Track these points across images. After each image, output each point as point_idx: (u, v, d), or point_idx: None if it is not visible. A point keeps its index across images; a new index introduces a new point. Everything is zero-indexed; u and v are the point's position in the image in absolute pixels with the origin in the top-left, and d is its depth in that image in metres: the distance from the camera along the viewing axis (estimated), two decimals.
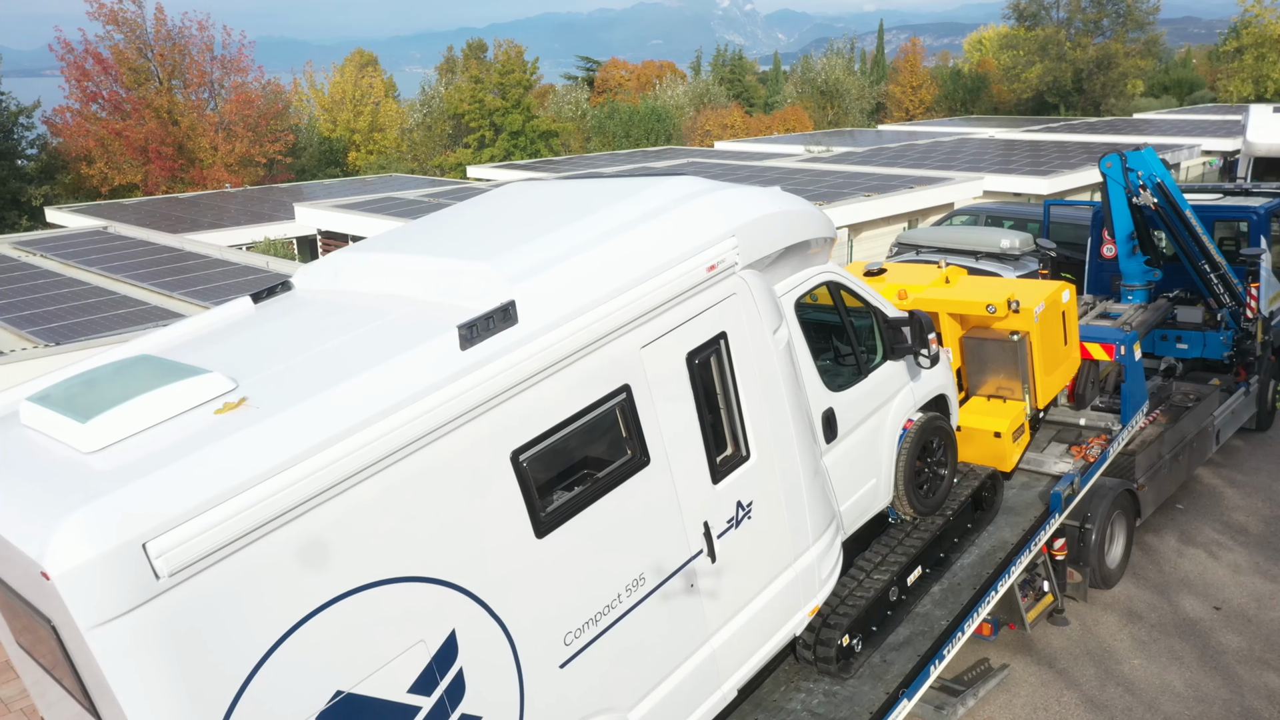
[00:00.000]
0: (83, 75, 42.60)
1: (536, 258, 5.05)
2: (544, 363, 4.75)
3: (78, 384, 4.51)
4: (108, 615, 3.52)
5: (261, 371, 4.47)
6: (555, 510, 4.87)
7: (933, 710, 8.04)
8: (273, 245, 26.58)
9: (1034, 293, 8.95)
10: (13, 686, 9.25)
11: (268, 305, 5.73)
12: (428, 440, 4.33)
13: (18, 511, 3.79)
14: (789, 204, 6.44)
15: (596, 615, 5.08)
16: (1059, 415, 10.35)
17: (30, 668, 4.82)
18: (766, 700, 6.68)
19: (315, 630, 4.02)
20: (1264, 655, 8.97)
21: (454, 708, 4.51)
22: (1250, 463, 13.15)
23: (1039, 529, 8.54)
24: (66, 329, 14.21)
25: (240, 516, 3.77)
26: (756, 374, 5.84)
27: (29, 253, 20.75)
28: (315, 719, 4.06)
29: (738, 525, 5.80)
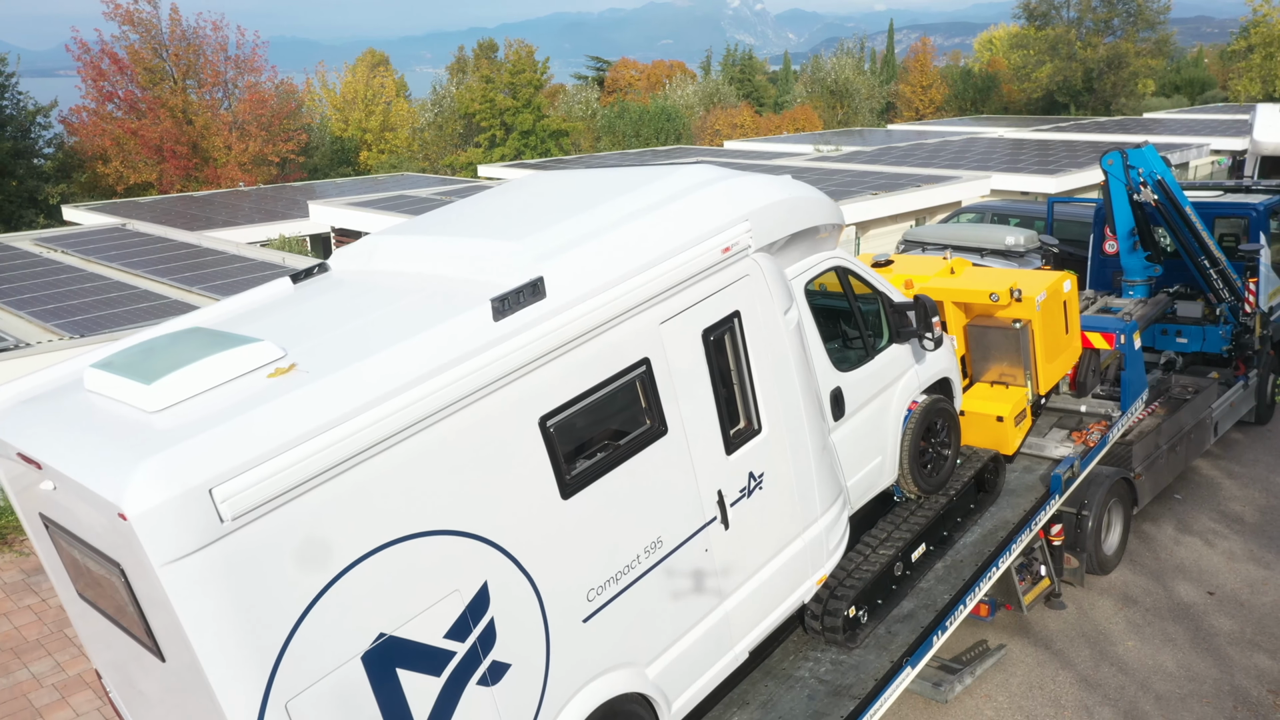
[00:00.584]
0: (99, 75, 43.07)
1: (563, 238, 5.41)
2: (570, 335, 5.09)
3: (137, 352, 4.87)
4: (177, 554, 3.87)
5: (308, 341, 4.82)
6: (579, 474, 5.23)
7: (931, 687, 8.33)
8: (287, 242, 26.95)
9: (1036, 282, 9.25)
10: (44, 663, 9.61)
11: (306, 285, 6.09)
12: (463, 404, 4.68)
13: (93, 462, 4.13)
14: (799, 191, 6.80)
15: (617, 574, 5.44)
16: (1060, 402, 10.62)
17: (90, 620, 5.17)
18: (776, 668, 7.00)
19: (360, 576, 4.37)
20: (1255, 638, 9.21)
21: (485, 654, 4.86)
22: (1249, 455, 13.37)
23: (1039, 510, 8.82)
24: (90, 322, 14.57)
25: (294, 468, 4.12)
26: (768, 352, 6.20)
27: (50, 249, 21.15)
28: (360, 658, 4.40)
29: (750, 495, 6.15)
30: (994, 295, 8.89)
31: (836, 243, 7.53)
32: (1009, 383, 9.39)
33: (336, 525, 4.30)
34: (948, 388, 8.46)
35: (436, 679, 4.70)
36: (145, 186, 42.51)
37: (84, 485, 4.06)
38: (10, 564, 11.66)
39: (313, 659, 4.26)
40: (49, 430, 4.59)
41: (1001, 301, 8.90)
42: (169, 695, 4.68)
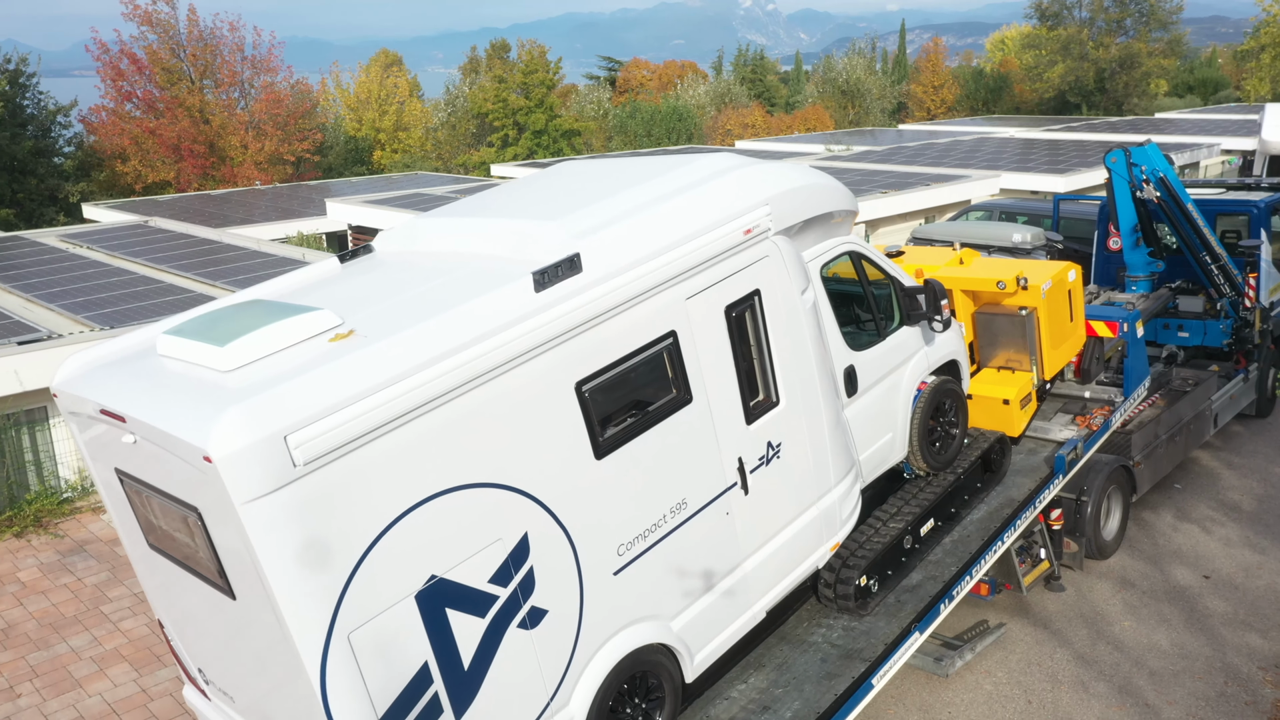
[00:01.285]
0: (118, 75, 43.63)
1: (597, 218, 5.86)
2: (603, 307, 5.54)
3: (205, 320, 5.31)
4: (255, 494, 4.29)
5: (362, 311, 5.24)
6: (611, 436, 5.67)
7: (933, 662, 8.67)
8: (305, 239, 27.40)
9: (1042, 272, 9.65)
10: (81, 638, 10.02)
11: (353, 264, 6.52)
12: (507, 368, 5.11)
13: (177, 413, 4.56)
14: (816, 178, 7.27)
15: (645, 532, 5.87)
16: (1065, 389, 10.96)
17: (159, 571, 5.61)
18: (791, 634, 7.41)
19: (415, 521, 4.80)
20: (1248, 619, 9.52)
21: (525, 600, 5.30)
22: (1249, 447, 13.64)
23: (1043, 489, 9.18)
24: (119, 314, 14.99)
25: (357, 421, 4.54)
26: (786, 328, 6.63)
27: (76, 244, 21.61)
28: (414, 597, 4.84)
29: (768, 463, 6.57)
30: (1001, 283, 9.26)
31: (850, 229, 7.98)
32: (1015, 368, 9.76)
33: (394, 474, 4.72)
34: (956, 370, 8.87)
35: (481, 620, 5.12)
36: (163, 185, 43.05)
37: (169, 433, 4.48)
38: (46, 545, 12.10)
39: (372, 596, 4.68)
40: (130, 388, 5.02)
41: (1008, 289, 9.27)
42: (238, 633, 5.10)
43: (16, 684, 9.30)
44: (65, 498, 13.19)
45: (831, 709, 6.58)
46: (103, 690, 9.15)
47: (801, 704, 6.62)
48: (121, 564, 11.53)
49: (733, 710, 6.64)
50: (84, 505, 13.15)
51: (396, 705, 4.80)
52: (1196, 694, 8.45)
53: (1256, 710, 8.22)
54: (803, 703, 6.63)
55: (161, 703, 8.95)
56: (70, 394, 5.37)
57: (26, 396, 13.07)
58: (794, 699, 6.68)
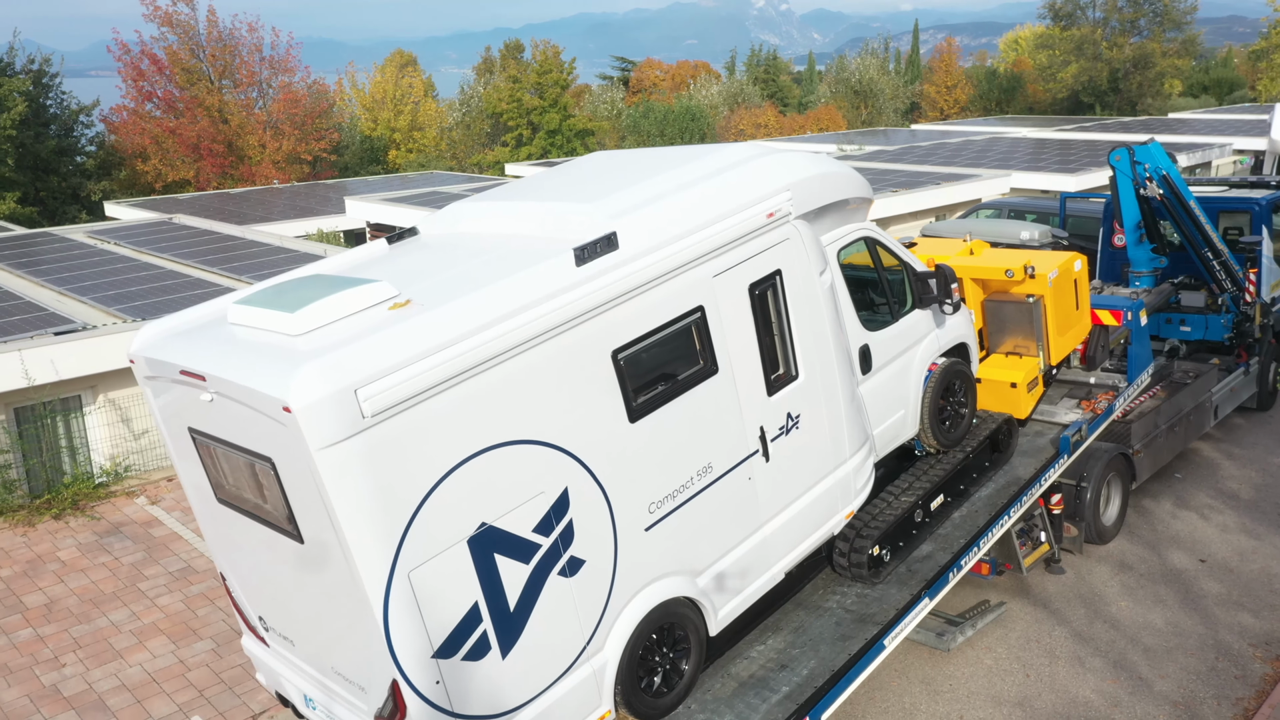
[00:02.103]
0: (139, 75, 44.29)
1: (631, 201, 6.32)
2: (638, 281, 6.00)
3: (273, 291, 5.77)
4: (330, 441, 4.75)
5: (416, 284, 5.69)
6: (644, 402, 6.13)
7: (935, 637, 9.04)
8: (325, 236, 27.90)
9: (1049, 261, 10.07)
10: (121, 613, 10.48)
11: (400, 245, 6.98)
12: (550, 335, 5.58)
13: (255, 370, 5.02)
14: (834, 167, 7.78)
15: (674, 492, 6.33)
16: (1071, 375, 11.36)
17: (224, 524, 6.07)
18: (807, 600, 7.87)
19: (468, 473, 5.27)
20: (1241, 599, 9.85)
21: (565, 549, 5.76)
22: (1249, 438, 13.95)
23: (1049, 467, 9.58)
24: (149, 306, 15.47)
25: (417, 379, 5.01)
26: (805, 307, 7.09)
27: (103, 240, 22.14)
28: (466, 542, 5.30)
29: (787, 433, 7.03)
30: (1009, 271, 9.70)
31: (866, 216, 8.45)
32: (1023, 353, 10.20)
33: (449, 429, 5.20)
34: (965, 352, 9.30)
35: (526, 566, 5.59)
36: (182, 184, 43.65)
37: (250, 388, 4.94)
38: (83, 527, 12.58)
39: (429, 538, 5.15)
40: (208, 350, 5.50)
41: (1016, 278, 9.69)
42: (303, 576, 5.56)
43: (61, 654, 9.76)
44: (100, 482, 13.67)
45: (845, 667, 7.04)
46: (142, 661, 9.61)
47: (817, 663, 7.10)
48: (156, 545, 12.00)
49: (752, 668, 7.12)
50: (118, 490, 13.63)
51: (450, 640, 5.28)
52: (1188, 669, 8.80)
53: (1245, 683, 8.57)
54: (818, 661, 7.11)
55: (198, 673, 9.40)
56: (148, 358, 5.84)
57: (63, 385, 13.56)
58: (810, 658, 7.16)
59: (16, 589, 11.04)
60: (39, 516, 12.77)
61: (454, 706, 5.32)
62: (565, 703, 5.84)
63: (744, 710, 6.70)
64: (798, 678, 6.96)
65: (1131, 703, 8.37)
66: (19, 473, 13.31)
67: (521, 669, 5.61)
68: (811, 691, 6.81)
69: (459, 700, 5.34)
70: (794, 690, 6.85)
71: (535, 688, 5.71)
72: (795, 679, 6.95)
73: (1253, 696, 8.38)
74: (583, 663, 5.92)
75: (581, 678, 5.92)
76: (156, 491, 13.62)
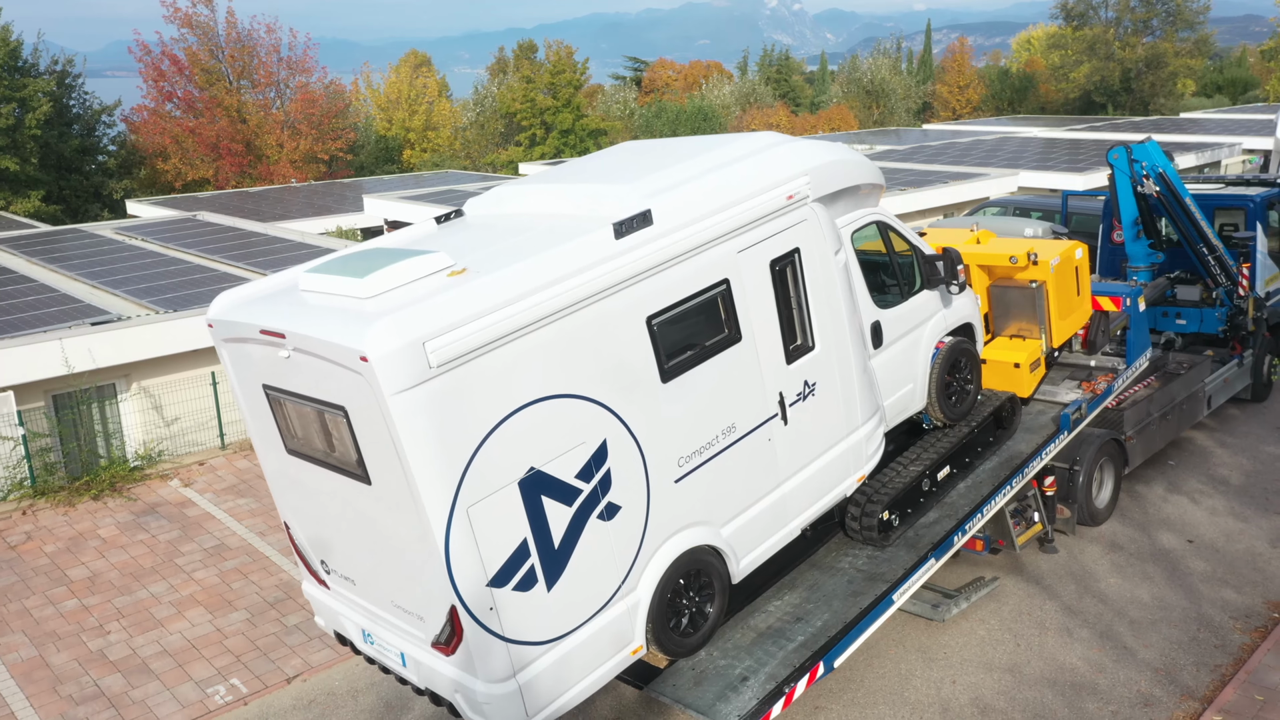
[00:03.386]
0: (159, 76, 45.07)
1: (664, 182, 6.92)
2: (670, 254, 6.60)
3: (340, 262, 6.36)
4: (402, 387, 5.36)
5: (469, 256, 6.28)
6: (674, 364, 6.73)
7: (930, 609, 9.53)
8: (345, 234, 28.53)
9: (1051, 249, 10.66)
10: (159, 585, 11.08)
11: (448, 225, 7.60)
12: (592, 301, 6.20)
13: (333, 327, 5.62)
14: (848, 154, 8.43)
15: (701, 448, 6.93)
16: (1073, 359, 11.90)
17: (292, 474, 6.68)
18: (821, 561, 8.47)
19: (518, 421, 5.88)
20: (1225, 577, 10.32)
21: (604, 495, 6.37)
22: (1243, 428, 14.38)
23: (1049, 442, 10.11)
24: (180, 299, 16.09)
25: (475, 335, 5.61)
26: (821, 284, 7.69)
27: (130, 236, 22.79)
28: (516, 483, 5.92)
29: (804, 399, 7.63)
30: (1013, 258, 10.25)
31: (878, 201, 9.06)
32: (1026, 336, 10.77)
33: (503, 381, 5.81)
34: (970, 332, 9.87)
35: (569, 508, 6.20)
36: (202, 183, 44.39)
37: (329, 342, 5.55)
38: (121, 507, 13.18)
39: (485, 479, 5.76)
40: (286, 312, 6.12)
41: (1020, 264, 10.26)
42: (368, 515, 6.16)
43: (105, 623, 10.35)
44: (135, 466, 14.27)
45: (857, 619, 7.65)
46: (182, 629, 10.19)
47: (831, 616, 7.71)
48: (191, 524, 12.59)
49: (770, 620, 7.74)
50: (152, 473, 14.23)
51: (502, 571, 5.90)
52: (1171, 639, 9.27)
53: (1224, 652, 9.03)
54: (831, 615, 7.72)
55: (235, 640, 9.97)
56: (227, 321, 6.46)
57: (99, 373, 14.17)
58: (824, 612, 7.78)
59: (61, 564, 11.64)
60: (78, 497, 13.38)
61: (505, 632, 5.96)
62: (603, 635, 6.47)
63: (762, 657, 7.33)
64: (812, 628, 7.59)
65: (1115, 669, 8.84)
66: (58, 456, 13.93)
67: (565, 602, 6.23)
68: (825, 640, 7.45)
69: (510, 626, 5.97)
70: (809, 639, 7.48)
71: (576, 619, 6.32)
72: (810, 629, 7.59)
73: (1230, 664, 8.84)
74: (619, 600, 6.54)
75: (617, 613, 6.55)
76: (189, 475, 14.22)
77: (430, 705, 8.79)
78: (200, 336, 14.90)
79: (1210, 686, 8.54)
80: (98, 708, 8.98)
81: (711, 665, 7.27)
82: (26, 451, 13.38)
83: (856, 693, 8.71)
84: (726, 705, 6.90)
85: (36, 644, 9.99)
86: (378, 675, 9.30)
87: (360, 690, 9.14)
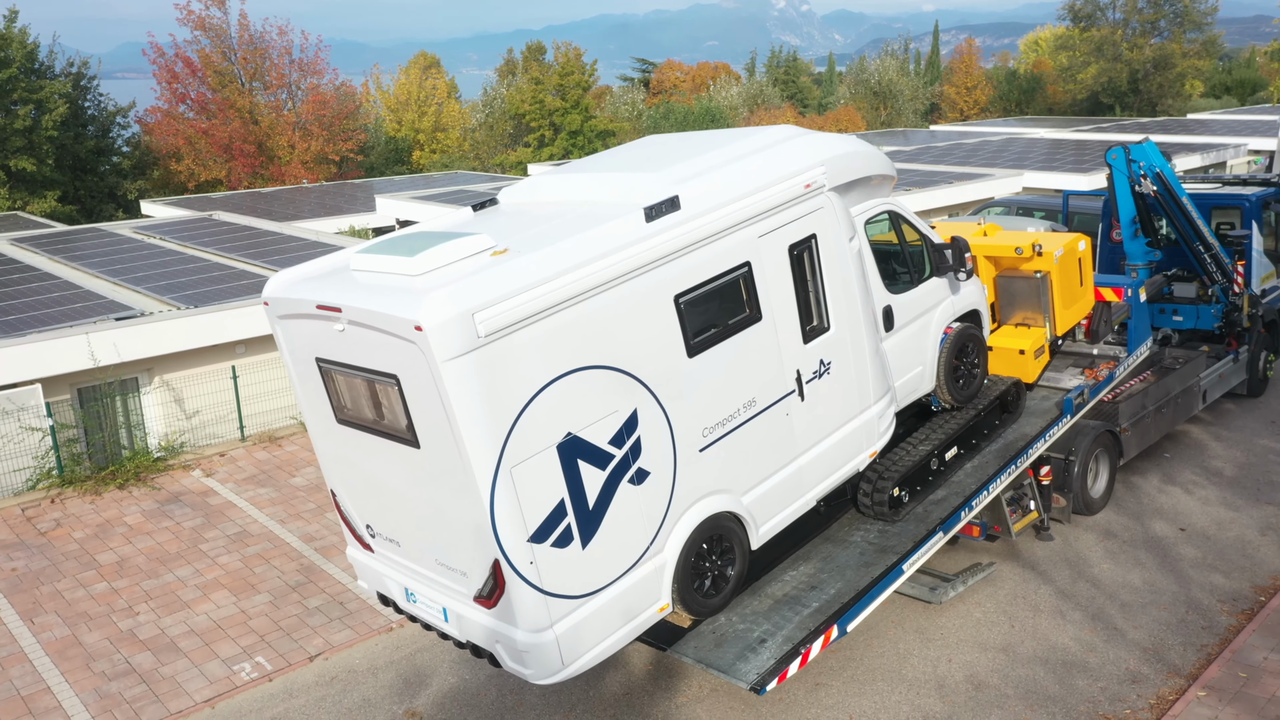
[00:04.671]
0: (173, 78, 45.59)
1: (690, 170, 7.40)
2: (696, 238, 7.06)
3: (389, 243, 6.82)
4: (454, 354, 5.82)
5: (510, 237, 6.72)
6: (699, 340, 7.19)
7: (928, 591, 9.87)
8: (355, 233, 28.97)
9: (1055, 241, 11.12)
10: (185, 569, 11.48)
11: (484, 212, 8.05)
12: (624, 279, 6.66)
13: (387, 301, 6.05)
14: (862, 146, 8.93)
15: (723, 420, 7.40)
16: (1076, 348, 12.31)
17: (341, 443, 7.13)
18: (834, 535, 8.94)
19: (557, 390, 6.34)
20: (1215, 563, 10.64)
21: (634, 461, 6.83)
22: (1238, 422, 14.70)
23: (1053, 425, 10.54)
24: (200, 295, 16.51)
25: (519, 309, 6.06)
26: (836, 268, 8.16)
27: (149, 235, 23.24)
28: (555, 447, 6.38)
29: (820, 377, 8.10)
30: (1019, 249, 10.70)
31: (889, 191, 9.53)
32: (1031, 324, 11.22)
33: (543, 352, 6.26)
34: (977, 318, 10.31)
35: (602, 472, 6.65)
36: (214, 183, 44.89)
37: (385, 314, 5.99)
38: (145, 496, 13.60)
39: (526, 441, 6.21)
40: (341, 288, 6.56)
41: (1025, 255, 10.71)
42: (416, 477, 6.60)
43: (134, 604, 10.76)
44: (158, 456, 14.69)
45: (868, 586, 8.12)
46: (208, 610, 10.59)
47: (843, 584, 8.19)
48: (213, 512, 13.01)
49: (785, 589, 8.23)
50: (175, 464, 14.65)
51: (542, 528, 6.36)
52: (1160, 620, 9.61)
53: (1211, 633, 9.37)
54: (844, 583, 8.20)
55: (258, 621, 10.36)
56: (284, 298, 6.93)
57: (124, 367, 14.60)
58: (837, 580, 8.26)
59: (90, 549, 12.06)
60: (104, 486, 13.81)
61: (543, 585, 6.42)
62: (633, 592, 6.93)
63: (779, 621, 7.81)
64: (826, 595, 8.07)
65: (1105, 649, 9.18)
66: (84, 447, 14.36)
67: (598, 559, 6.69)
68: (838, 606, 7.92)
69: (548, 580, 6.44)
70: (823, 605, 7.97)
71: (608, 576, 6.79)
72: (824, 596, 8.07)
73: (1216, 644, 9.17)
74: (647, 560, 7.00)
75: (646, 572, 7.01)
76: (210, 465, 14.64)
77: (446, 681, 9.20)
78: (220, 332, 15.39)
79: (1196, 665, 8.88)
80: (130, 683, 9.38)
81: (731, 629, 7.78)
82: (55, 442, 13.81)
83: (856, 670, 9.07)
84: (746, 664, 7.40)
85: (69, 624, 10.40)
86: (397, 654, 9.69)
87: (380, 668, 9.53)
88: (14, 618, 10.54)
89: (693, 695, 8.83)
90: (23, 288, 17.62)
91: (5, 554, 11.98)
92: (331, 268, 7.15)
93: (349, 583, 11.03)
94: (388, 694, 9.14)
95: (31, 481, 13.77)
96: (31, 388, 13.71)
